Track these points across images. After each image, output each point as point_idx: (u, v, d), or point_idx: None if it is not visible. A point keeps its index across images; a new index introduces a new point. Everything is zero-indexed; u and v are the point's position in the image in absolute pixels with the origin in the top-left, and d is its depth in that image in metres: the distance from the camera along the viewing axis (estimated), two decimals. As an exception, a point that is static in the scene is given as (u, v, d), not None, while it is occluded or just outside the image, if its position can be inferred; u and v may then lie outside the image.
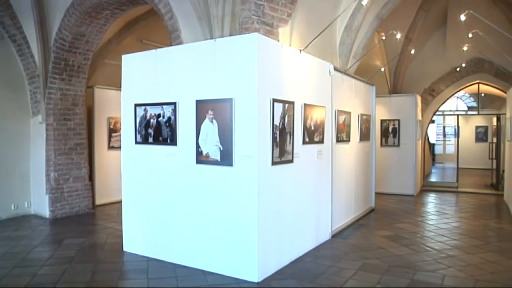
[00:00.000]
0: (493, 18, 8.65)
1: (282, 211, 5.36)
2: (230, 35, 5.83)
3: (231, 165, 4.92)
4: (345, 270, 5.31)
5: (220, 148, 4.99)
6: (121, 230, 6.26)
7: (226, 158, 4.95)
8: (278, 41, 5.85)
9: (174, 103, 5.44)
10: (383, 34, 9.35)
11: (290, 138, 5.44)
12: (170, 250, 5.59)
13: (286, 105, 5.30)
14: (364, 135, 8.67)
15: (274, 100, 5.02)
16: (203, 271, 5.20)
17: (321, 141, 6.42)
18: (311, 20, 6.91)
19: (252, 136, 4.77)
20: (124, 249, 6.13)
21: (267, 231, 5.00)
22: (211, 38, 5.93)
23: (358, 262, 5.62)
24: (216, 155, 5.03)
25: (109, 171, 9.75)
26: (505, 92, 11.55)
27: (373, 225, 8.01)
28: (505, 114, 11.43)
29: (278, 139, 5.13)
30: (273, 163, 5.05)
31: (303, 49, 5.93)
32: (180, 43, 6.34)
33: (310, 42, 6.17)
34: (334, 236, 6.91)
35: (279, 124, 5.15)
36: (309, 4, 6.80)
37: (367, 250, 6.19)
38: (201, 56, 5.24)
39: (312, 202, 6.23)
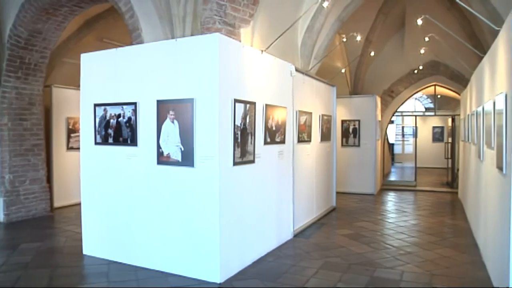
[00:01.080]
0: (447, 24, 8.93)
1: (244, 211, 5.37)
2: (192, 35, 5.79)
3: (192, 166, 4.89)
4: (307, 269, 5.37)
5: (181, 148, 4.95)
6: (81, 233, 6.10)
7: (187, 159, 4.92)
8: (240, 41, 5.86)
9: (135, 103, 5.36)
10: (344, 36, 9.52)
11: (251, 138, 5.45)
12: (131, 253, 5.50)
13: (248, 105, 5.31)
14: (325, 135, 8.79)
15: (236, 101, 5.02)
16: (164, 273, 5.14)
17: (283, 142, 6.47)
18: (273, 21, 6.95)
19: (213, 136, 4.75)
20: (84, 252, 5.98)
21: (229, 232, 5.00)
22: (173, 37, 5.88)
23: (320, 261, 5.70)
24: (177, 156, 4.99)
25: (68, 173, 9.51)
26: (459, 94, 11.95)
27: (334, 224, 8.14)
28: (459, 115, 11.83)
29: (239, 140, 5.14)
30: (235, 163, 5.06)
31: (265, 50, 5.96)
32: (141, 42, 6.25)
33: (272, 43, 6.21)
34: (296, 235, 6.97)
35: (241, 124, 5.16)
36: (271, 5, 6.84)
37: (329, 249, 6.28)
38: (162, 56, 5.19)
39: (274, 202, 6.27)
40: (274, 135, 6.16)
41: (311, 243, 6.62)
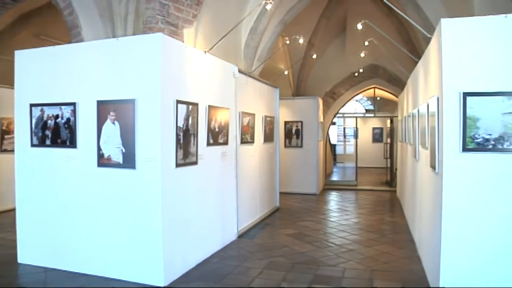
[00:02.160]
0: (386, 29, 9.28)
1: (187, 213, 5.32)
2: (134, 34, 5.68)
3: (134, 168, 4.79)
4: (252, 269, 5.40)
5: (122, 150, 4.84)
6: (16, 241, 5.79)
7: (128, 161, 4.81)
8: (183, 42, 5.81)
9: (74, 104, 5.17)
10: (287, 38, 9.64)
11: (194, 139, 5.42)
12: (70, 259, 5.28)
13: (190, 106, 5.27)
14: (268, 137, 8.88)
15: (178, 102, 4.97)
16: (106, 278, 4.99)
17: (226, 143, 6.47)
18: (216, 22, 6.94)
19: (155, 138, 4.68)
20: (19, 261, 5.66)
21: (172, 234, 4.94)
22: (114, 36, 5.74)
23: (264, 261, 5.75)
24: (118, 158, 4.87)
25: (1, 176, 9.02)
26: (397, 97, 12.43)
27: (278, 224, 8.23)
28: (397, 116, 12.30)
29: (182, 141, 5.09)
30: (177, 165, 5.00)
31: (208, 51, 5.94)
32: (81, 40, 6.06)
33: (215, 44, 6.20)
34: (240, 236, 6.99)
35: (183, 125, 5.11)
36: (215, 6, 6.83)
37: (273, 249, 6.35)
38: (103, 55, 5.04)
39: (217, 203, 6.25)
40: (217, 136, 6.15)
41: (255, 244, 6.67)
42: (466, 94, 3.91)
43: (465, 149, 3.94)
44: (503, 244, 3.96)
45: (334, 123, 19.95)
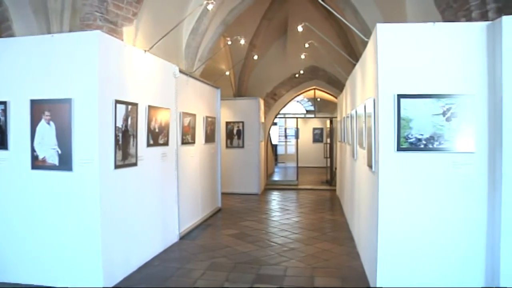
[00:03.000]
0: (325, 32, 9.52)
1: (126, 215, 5.19)
2: (70, 31, 5.47)
3: (71, 170, 4.61)
4: (194, 271, 5.36)
5: (58, 151, 4.64)
6: None
7: (65, 163, 4.62)
8: (122, 40, 5.67)
9: (4, 103, 4.88)
10: (228, 39, 9.65)
11: (133, 140, 5.30)
12: (2, 270, 4.98)
13: (129, 106, 5.15)
14: (209, 137, 8.85)
15: (117, 102, 4.84)
16: (43, 287, 4.76)
17: (166, 143, 6.38)
18: (157, 21, 6.83)
19: (93, 138, 4.54)
20: None
21: (112, 237, 4.80)
22: (49, 32, 5.49)
23: (206, 262, 5.72)
24: (54, 160, 4.67)
25: None
26: (336, 98, 12.77)
27: (220, 224, 8.22)
28: (336, 117, 12.63)
29: (121, 142, 4.96)
30: (116, 166, 4.87)
31: (148, 50, 5.83)
32: (12, 35, 5.75)
33: (155, 43, 6.10)
34: (182, 238, 6.92)
35: (122, 126, 4.99)
36: (156, 5, 6.72)
37: (215, 250, 6.33)
38: (37, 52, 4.79)
39: (158, 204, 6.15)
40: (157, 137, 6.05)
41: (197, 245, 6.62)
42: (400, 96, 4.10)
43: (399, 148, 4.13)
44: (433, 240, 4.19)
45: (275, 124, 20.20)
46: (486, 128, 4.12)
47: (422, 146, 4.13)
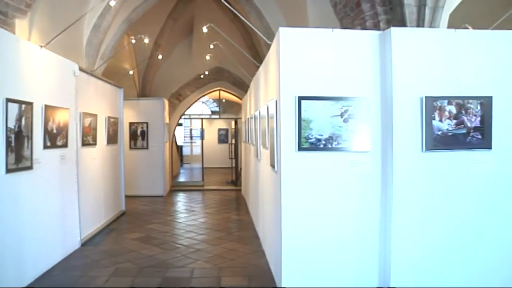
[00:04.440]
0: (230, 34, 9.65)
1: (20, 223, 4.80)
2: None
3: (-45, 175, 4.22)
4: (97, 278, 5.14)
5: None
6: None
7: None
8: (14, 33, 5.28)
9: None
10: (132, 37, 9.40)
11: (28, 142, 4.95)
12: None
13: (23, 106, 4.81)
14: (112, 138, 8.55)
15: (8, 100, 4.47)
16: None
17: (65, 145, 6.05)
18: (55, 15, 6.47)
19: (-18, 140, 4.19)
20: None
21: (1, 249, 4.42)
22: None
23: (110, 268, 5.52)
24: None
25: None
26: (241, 99, 12.98)
27: (125, 228, 7.99)
28: (241, 118, 12.83)
29: (13, 144, 4.60)
30: (8, 170, 4.50)
31: (44, 46, 5.49)
32: None
33: (53, 39, 5.75)
34: (84, 244, 6.60)
35: (15, 126, 4.64)
36: (54, -2, 6.36)
37: (119, 255, 6.13)
38: None
39: (57, 210, 5.80)
40: (55, 139, 5.73)
41: (100, 251, 6.37)
42: (300, 98, 4.29)
43: (300, 148, 4.32)
44: (332, 238, 4.45)
45: (180, 125, 20.03)
46: (379, 128, 4.45)
47: (321, 146, 4.34)
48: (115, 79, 9.36)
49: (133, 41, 9.33)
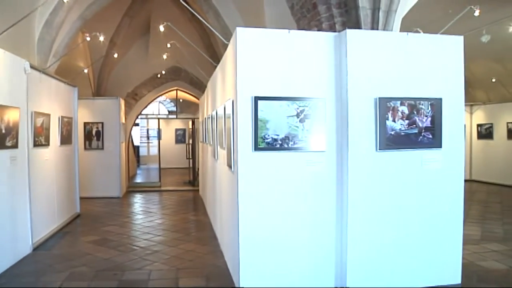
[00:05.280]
0: (188, 33, 9.59)
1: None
2: None
3: None
4: (50, 284, 4.96)
5: None
6: None
7: None
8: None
9: None
10: (87, 34, 9.18)
11: (-24, 143, 4.77)
12: None
13: (-29, 105, 4.63)
14: (66, 139, 8.32)
15: (-46, 99, 4.32)
16: None
17: (15, 146, 5.84)
18: (4, 9, 6.23)
19: None
20: None
21: None
22: None
23: (64, 273, 5.34)
24: None
25: None
26: (199, 99, 12.91)
27: (79, 231, 7.78)
28: (198, 118, 12.77)
29: (-40, 144, 4.44)
30: (-45, 172, 4.35)
31: (-8, 43, 5.30)
32: None
33: (1, 34, 5.54)
34: (36, 248, 6.38)
35: (-38, 127, 4.46)
36: (1, -8, 6.13)
37: (73, 259, 5.96)
38: None
39: (6, 214, 5.58)
40: (5, 139, 5.51)
41: (53, 255, 6.17)
42: (257, 98, 4.32)
43: (257, 148, 4.35)
44: (289, 237, 4.52)
45: (137, 125, 19.73)
46: (334, 128, 4.55)
47: (278, 146, 4.39)
48: (69, 78, 9.10)
49: (88, 38, 9.12)
